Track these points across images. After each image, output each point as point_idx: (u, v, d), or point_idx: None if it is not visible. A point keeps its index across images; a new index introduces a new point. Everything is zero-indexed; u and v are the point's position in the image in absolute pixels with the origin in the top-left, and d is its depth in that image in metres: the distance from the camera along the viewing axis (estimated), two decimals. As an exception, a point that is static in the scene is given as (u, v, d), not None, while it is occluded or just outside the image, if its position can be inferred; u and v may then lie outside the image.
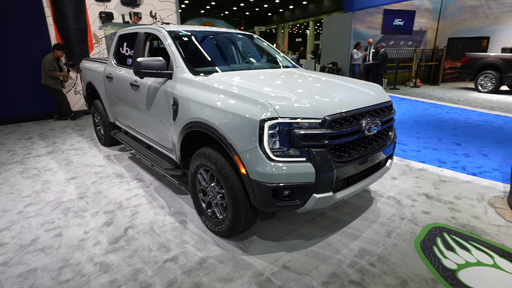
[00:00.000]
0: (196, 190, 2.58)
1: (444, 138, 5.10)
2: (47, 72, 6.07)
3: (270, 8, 32.58)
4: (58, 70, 6.23)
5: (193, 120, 2.36)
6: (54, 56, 6.18)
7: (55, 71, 6.16)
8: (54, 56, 6.18)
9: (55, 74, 6.15)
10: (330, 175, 2.00)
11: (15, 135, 5.50)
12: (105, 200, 3.09)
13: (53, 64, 6.12)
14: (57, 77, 6.22)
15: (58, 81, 6.29)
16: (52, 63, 6.09)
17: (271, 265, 2.13)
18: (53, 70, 6.10)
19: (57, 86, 6.31)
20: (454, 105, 7.97)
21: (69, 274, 2.06)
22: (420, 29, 12.53)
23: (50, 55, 6.13)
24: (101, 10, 6.90)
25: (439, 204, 2.97)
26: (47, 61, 6.06)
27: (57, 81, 6.29)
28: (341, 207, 2.90)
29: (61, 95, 6.44)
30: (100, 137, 4.83)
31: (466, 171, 3.73)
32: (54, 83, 6.24)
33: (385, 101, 2.47)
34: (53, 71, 6.11)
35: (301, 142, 1.92)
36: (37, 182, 3.51)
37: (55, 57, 6.19)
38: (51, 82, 6.19)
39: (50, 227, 2.62)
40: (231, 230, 2.28)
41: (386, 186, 3.35)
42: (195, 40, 3.23)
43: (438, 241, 2.38)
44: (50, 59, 6.09)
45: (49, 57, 6.10)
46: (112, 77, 3.82)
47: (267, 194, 1.96)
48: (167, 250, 2.30)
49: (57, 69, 6.21)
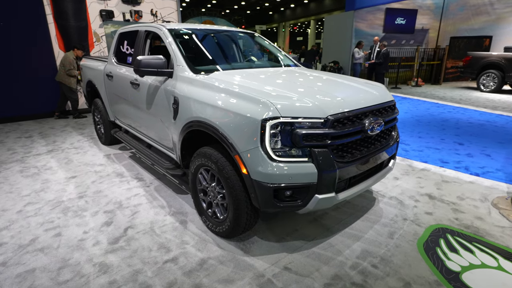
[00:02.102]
0: (197, 190, 2.56)
1: (446, 137, 5.07)
2: (67, 71, 6.09)
3: (271, 6, 32.51)
4: (77, 69, 6.22)
5: (194, 119, 2.33)
6: (74, 56, 6.18)
7: (75, 70, 6.16)
8: (74, 56, 6.18)
9: (74, 73, 6.16)
10: (333, 176, 1.97)
11: (15, 133, 5.48)
12: (105, 199, 3.07)
13: (73, 63, 6.14)
14: (75, 76, 6.22)
15: (75, 80, 6.29)
16: (72, 63, 6.11)
17: (272, 266, 2.10)
18: (72, 69, 6.12)
19: (73, 85, 6.30)
20: (456, 105, 7.93)
21: (68, 274, 2.04)
22: (422, 28, 12.47)
23: (71, 54, 6.15)
24: (101, 8, 6.87)
25: (442, 204, 2.94)
26: (68, 60, 6.07)
27: (74, 80, 6.28)
28: (343, 208, 2.87)
29: (75, 94, 6.44)
30: (101, 136, 4.80)
31: (469, 171, 3.69)
32: (70, 82, 6.22)
33: (388, 101, 2.44)
34: (73, 70, 6.12)
35: (303, 142, 1.89)
36: (37, 181, 3.49)
37: (75, 57, 6.19)
38: (67, 80, 6.17)
39: (49, 226, 2.60)
40: (232, 230, 2.26)
41: (388, 186, 3.32)
42: (196, 38, 3.20)
43: (441, 243, 2.35)
44: (71, 58, 6.11)
45: (70, 56, 6.12)
46: (113, 75, 3.79)
47: (268, 195, 1.93)
48: (167, 251, 2.28)
49: (76, 68, 6.20)
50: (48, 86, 6.47)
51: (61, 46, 6.60)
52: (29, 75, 6.26)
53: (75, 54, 6.21)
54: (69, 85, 6.22)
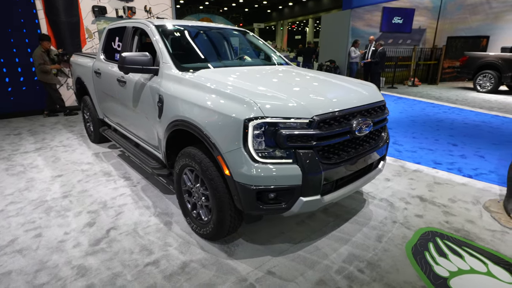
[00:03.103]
0: (182, 190, 2.49)
1: (440, 138, 5.03)
2: (38, 67, 5.85)
3: (269, 5, 32.35)
4: (49, 63, 6.00)
5: (178, 119, 2.27)
6: (42, 49, 5.90)
7: (46, 64, 5.90)
8: (42, 49, 5.90)
9: (46, 68, 5.90)
10: (318, 178, 1.91)
11: (4, 130, 5.39)
12: (89, 199, 2.99)
13: (43, 57, 5.87)
14: (48, 71, 5.97)
15: (51, 75, 6.06)
16: (41, 56, 5.84)
17: (256, 270, 2.04)
18: (43, 64, 5.86)
19: (52, 80, 6.07)
20: (452, 105, 7.89)
21: (45, 277, 1.97)
22: (419, 27, 12.43)
23: (39, 49, 5.88)
24: (94, 4, 6.76)
25: (433, 207, 2.89)
26: (36, 55, 5.83)
27: (51, 75, 6.05)
28: (331, 209, 2.82)
29: (56, 91, 6.22)
30: (90, 133, 4.72)
31: (461, 173, 3.65)
32: (48, 78, 6.00)
33: (377, 101, 2.38)
34: (43, 65, 5.86)
35: (287, 143, 1.83)
36: (21, 180, 3.41)
37: (44, 50, 5.92)
38: (44, 77, 5.96)
39: (30, 227, 2.53)
40: (215, 233, 2.19)
41: (379, 187, 3.27)
42: (185, 35, 3.13)
43: (430, 247, 2.30)
44: (39, 52, 5.84)
45: (38, 50, 5.86)
46: (100, 72, 3.72)
47: (251, 197, 1.87)
48: (149, 253, 2.21)
49: (48, 62, 5.97)
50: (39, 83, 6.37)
51: (52, 42, 6.48)
52: (19, 71, 6.15)
53: (44, 47, 5.90)
54: (47, 82, 5.98)
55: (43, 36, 5.92)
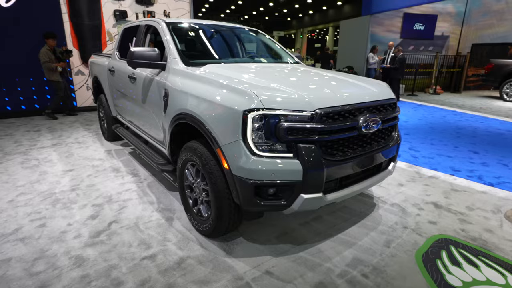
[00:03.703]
0: (184, 186, 2.46)
1: (460, 146, 4.77)
2: (43, 64, 5.83)
3: (289, 13, 32.51)
4: (54, 61, 5.97)
5: (181, 112, 2.25)
6: (48, 47, 5.90)
7: (51, 62, 5.89)
8: (48, 47, 5.90)
9: (51, 66, 5.88)
10: (320, 174, 1.82)
11: (26, 127, 5.60)
12: (96, 193, 3.02)
13: (49, 55, 5.85)
14: (54, 69, 5.94)
15: (57, 73, 6.03)
16: (47, 54, 5.83)
17: (254, 270, 1.96)
18: (48, 62, 5.84)
19: (56, 78, 6.02)
20: (475, 113, 7.53)
21: (42, 266, 1.98)
22: (442, 34, 12.05)
23: (44, 47, 5.87)
24: (115, 8, 7.00)
25: (449, 214, 2.71)
26: (41, 53, 5.81)
27: (56, 73, 6.02)
28: (338, 212, 2.70)
29: (61, 88, 6.14)
30: (104, 131, 4.83)
31: (482, 181, 3.43)
32: (54, 76, 5.99)
33: (388, 98, 2.27)
34: (49, 63, 5.84)
35: (288, 137, 1.76)
36: (34, 173, 3.51)
37: (49, 48, 5.91)
38: (49, 75, 5.95)
39: (35, 217, 2.57)
40: (214, 229, 2.14)
41: (391, 192, 3.12)
42: (195, 33, 3.14)
43: (443, 255, 2.14)
44: (45, 50, 5.83)
45: (43, 49, 5.85)
46: (114, 70, 3.80)
47: (249, 192, 1.80)
48: (147, 247, 2.18)
49: (54, 60, 5.95)
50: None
51: (74, 44, 6.75)
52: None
53: (49, 45, 5.89)
54: (55, 80, 5.97)
55: (48, 34, 5.89)
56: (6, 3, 5.90)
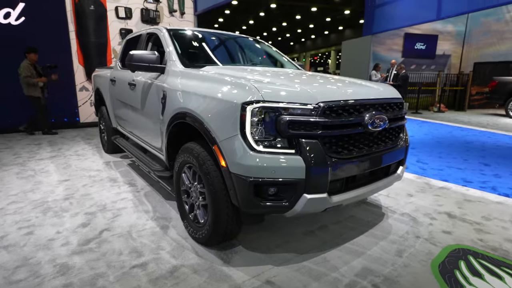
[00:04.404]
0: (180, 191, 2.33)
1: (470, 158, 4.61)
2: (24, 79, 5.57)
3: (292, 37, 33.39)
4: (36, 76, 5.70)
5: (178, 111, 2.17)
6: (29, 61, 5.66)
7: (32, 77, 5.63)
8: (29, 61, 5.66)
9: (32, 81, 5.62)
10: (324, 172, 1.69)
11: (27, 141, 5.56)
12: (90, 202, 2.89)
13: (30, 70, 5.61)
14: (35, 84, 5.68)
15: (37, 88, 5.75)
16: (28, 69, 5.58)
17: (253, 279, 1.79)
18: (29, 77, 5.59)
19: (38, 94, 5.77)
20: (482, 129, 7.39)
21: (24, 274, 1.82)
22: (443, 53, 12.15)
23: (25, 61, 5.64)
24: (121, 26, 7.16)
25: (464, 224, 2.52)
26: (22, 67, 5.57)
27: (37, 89, 5.74)
28: (344, 221, 2.53)
29: (40, 104, 5.85)
30: (104, 143, 4.75)
31: (496, 192, 3.24)
32: (34, 92, 5.72)
33: (393, 97, 2.17)
34: (30, 78, 5.59)
35: (289, 131, 1.65)
36: (29, 183, 3.40)
37: (30, 62, 5.67)
38: (31, 90, 5.68)
39: (23, 225, 2.43)
40: (210, 235, 1.98)
41: (400, 202, 2.94)
42: (195, 39, 3.13)
43: (461, 265, 1.95)
44: (26, 64, 5.60)
45: (24, 63, 5.62)
46: (116, 80, 3.78)
47: (248, 191, 1.67)
48: (138, 255, 2.02)
49: (35, 75, 5.69)
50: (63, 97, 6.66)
51: (80, 61, 6.85)
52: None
53: (30, 59, 5.65)
54: (35, 95, 5.70)
55: (30, 49, 5.67)
56: (15, 21, 6.06)
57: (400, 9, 8.82)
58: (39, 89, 5.79)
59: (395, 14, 9.04)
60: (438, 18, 7.84)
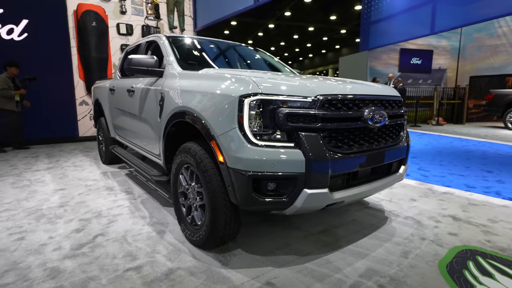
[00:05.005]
0: (177, 194, 2.27)
1: (472, 166, 4.56)
2: (0, 92, 5.44)
3: (290, 56, 34.05)
4: (13, 89, 5.59)
5: (176, 111, 2.15)
6: (8, 75, 5.57)
7: (10, 90, 5.53)
8: (8, 75, 5.57)
9: (9, 94, 5.52)
10: (324, 166, 1.65)
11: (24, 154, 5.51)
12: (85, 209, 2.82)
13: (7, 82, 5.52)
14: (12, 97, 5.55)
15: (13, 101, 5.61)
16: (5, 81, 5.49)
17: (252, 281, 1.70)
18: (7, 89, 5.49)
19: (13, 107, 5.62)
20: (481, 139, 7.37)
21: (12, 278, 1.74)
22: (439, 67, 12.35)
23: (4, 74, 5.55)
24: (122, 42, 7.30)
25: (470, 226, 2.45)
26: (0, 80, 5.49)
27: (12, 102, 5.61)
28: (347, 225, 2.45)
29: (14, 118, 5.70)
30: (102, 154, 4.71)
31: (500, 196, 3.18)
32: (9, 105, 5.57)
33: (393, 95, 2.17)
34: (7, 90, 5.49)
35: (288, 124, 1.62)
36: (24, 192, 3.33)
37: (9, 76, 5.59)
38: (6, 103, 5.54)
39: (15, 231, 2.35)
40: (208, 237, 1.91)
41: (403, 206, 2.87)
42: (194, 46, 3.16)
43: (470, 265, 1.87)
44: (3, 77, 5.50)
45: (2, 76, 5.52)
46: (115, 88, 3.79)
47: (247, 187, 1.62)
48: (133, 259, 1.94)
49: (12, 88, 5.58)
50: (63, 111, 6.67)
51: (81, 75, 6.92)
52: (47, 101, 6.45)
53: (10, 73, 5.56)
54: (8, 109, 5.55)
55: (11, 63, 5.60)
56: (18, 37, 6.17)
57: (394, 24, 9.04)
58: (14, 102, 5.64)
59: (390, 29, 9.25)
60: (432, 32, 8.03)
